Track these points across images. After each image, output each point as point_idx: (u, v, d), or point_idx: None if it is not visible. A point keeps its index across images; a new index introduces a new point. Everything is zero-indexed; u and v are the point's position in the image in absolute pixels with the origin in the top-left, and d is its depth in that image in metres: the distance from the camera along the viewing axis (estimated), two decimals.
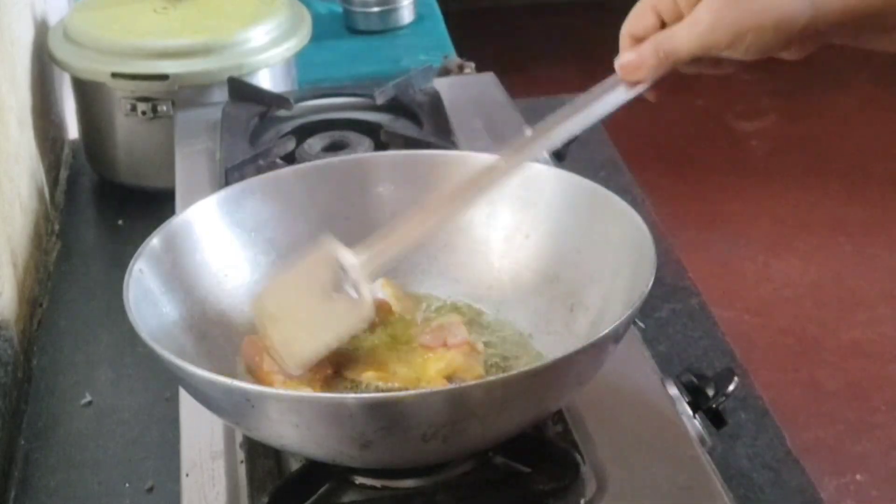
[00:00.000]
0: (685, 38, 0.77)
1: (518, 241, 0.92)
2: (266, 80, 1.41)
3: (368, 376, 0.82)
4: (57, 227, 1.41)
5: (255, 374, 0.83)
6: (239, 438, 0.83)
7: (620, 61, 0.80)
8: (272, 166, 1.17)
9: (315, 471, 0.78)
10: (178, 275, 0.86)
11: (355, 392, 0.81)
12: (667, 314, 1.17)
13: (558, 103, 1.67)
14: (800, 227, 2.97)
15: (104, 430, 1.08)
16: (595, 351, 0.74)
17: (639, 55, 0.79)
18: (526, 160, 0.83)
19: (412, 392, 0.75)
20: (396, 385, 0.81)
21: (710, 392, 0.87)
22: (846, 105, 3.52)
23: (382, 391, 0.80)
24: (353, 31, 2.06)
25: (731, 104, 3.58)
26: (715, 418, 0.87)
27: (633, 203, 0.86)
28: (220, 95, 1.33)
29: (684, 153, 3.38)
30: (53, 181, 1.48)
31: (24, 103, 1.40)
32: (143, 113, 1.39)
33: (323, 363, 0.83)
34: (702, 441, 0.83)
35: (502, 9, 4.30)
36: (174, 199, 1.14)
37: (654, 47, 0.79)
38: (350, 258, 0.82)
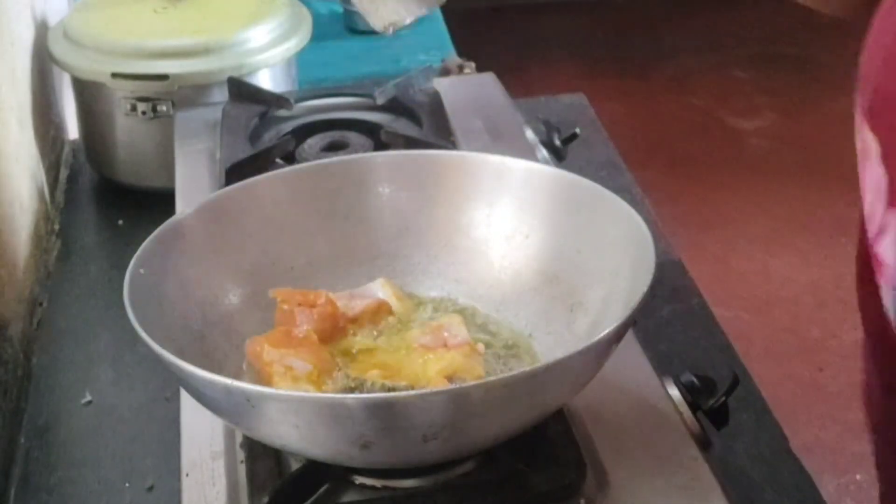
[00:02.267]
0: None
1: (518, 241, 0.92)
2: (266, 80, 1.41)
3: (373, 374, 0.82)
4: (57, 226, 1.41)
5: (257, 374, 0.84)
6: (239, 438, 0.83)
7: None
8: (272, 166, 1.17)
9: (315, 471, 0.78)
10: (178, 274, 0.86)
11: (360, 390, 0.81)
12: (667, 314, 1.17)
13: (558, 103, 1.68)
14: (799, 227, 2.97)
15: (104, 428, 1.08)
16: (595, 351, 0.74)
17: None
18: None
19: (412, 392, 0.75)
20: (402, 383, 0.81)
21: (711, 392, 0.87)
22: (845, 104, 3.52)
23: (389, 389, 0.80)
24: (353, 31, 2.06)
25: (730, 103, 3.58)
26: (715, 418, 0.87)
27: (633, 203, 0.86)
28: (220, 95, 1.33)
29: (684, 153, 3.38)
30: (53, 181, 1.48)
31: (24, 103, 1.40)
32: (143, 113, 1.39)
33: (327, 360, 0.83)
34: (702, 441, 0.83)
35: (502, 9, 4.30)
36: (174, 199, 1.14)
37: None
38: None
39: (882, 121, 0.83)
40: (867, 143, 0.84)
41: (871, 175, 0.84)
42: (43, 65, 1.51)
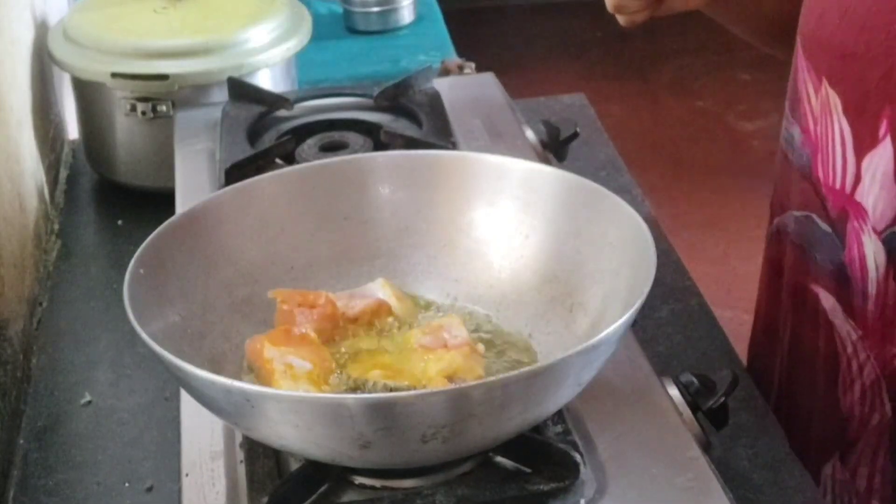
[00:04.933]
0: None
1: (518, 241, 0.92)
2: (266, 80, 1.41)
3: (375, 374, 0.82)
4: (57, 226, 1.41)
5: (257, 373, 0.83)
6: (239, 438, 0.83)
7: None
8: (272, 166, 1.17)
9: (315, 471, 0.78)
10: (178, 275, 0.86)
11: (362, 390, 0.81)
12: (667, 314, 1.17)
13: (558, 103, 1.68)
14: None
15: (103, 430, 1.08)
16: (595, 352, 0.74)
17: None
18: None
19: (412, 392, 0.75)
20: (405, 383, 0.81)
21: (710, 392, 0.87)
22: None
23: (391, 389, 0.80)
24: (353, 31, 2.06)
25: (732, 104, 3.58)
26: (715, 418, 0.86)
27: (633, 203, 0.86)
28: (220, 95, 1.33)
29: (685, 153, 3.38)
30: (53, 181, 1.48)
31: (24, 103, 1.40)
32: (143, 113, 1.38)
33: (327, 360, 0.83)
34: (702, 441, 0.83)
35: (502, 9, 4.30)
36: (174, 199, 1.14)
37: None
38: None
39: (842, 76, 0.88)
40: (829, 99, 0.88)
41: (836, 129, 0.91)
42: (43, 65, 1.51)
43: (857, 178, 0.91)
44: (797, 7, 0.98)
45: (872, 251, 0.91)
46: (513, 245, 0.92)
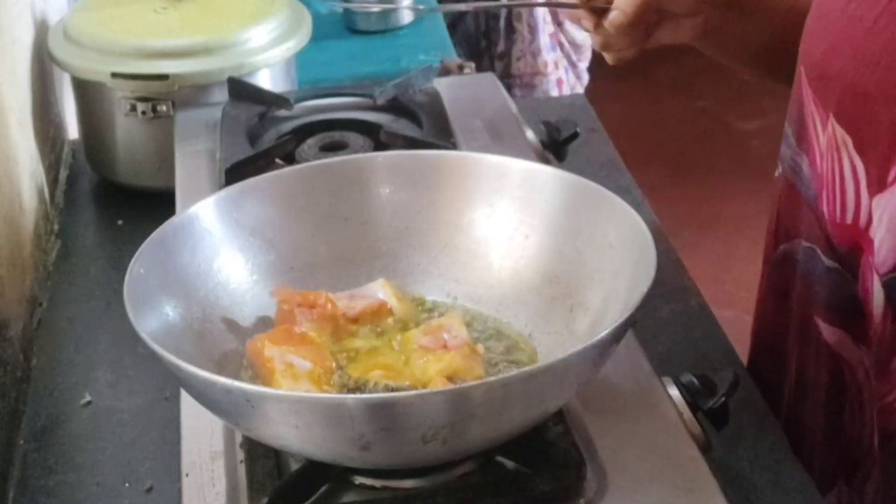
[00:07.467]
0: None
1: (518, 241, 0.92)
2: (266, 80, 1.41)
3: (376, 375, 0.82)
4: (57, 226, 1.41)
5: (258, 373, 0.83)
6: (239, 439, 0.83)
7: None
8: (272, 166, 1.17)
9: (315, 471, 0.77)
10: (178, 275, 0.86)
11: (363, 391, 0.81)
12: (667, 314, 1.17)
13: (558, 103, 1.68)
14: None
15: (103, 430, 1.07)
16: (595, 352, 0.74)
17: None
18: None
19: (412, 392, 0.75)
20: (406, 384, 0.81)
21: (711, 393, 0.87)
22: None
23: (392, 390, 0.80)
24: (353, 31, 2.06)
25: (732, 104, 3.58)
26: (716, 418, 0.86)
27: (633, 203, 0.86)
28: (220, 95, 1.33)
29: (685, 153, 3.38)
30: (53, 181, 1.47)
31: (24, 103, 1.40)
32: (143, 113, 1.38)
33: (327, 360, 0.83)
34: (702, 442, 0.83)
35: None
36: (174, 199, 1.14)
37: None
38: None
39: (853, 114, 0.86)
40: (837, 136, 0.87)
41: (847, 165, 0.89)
42: (43, 65, 1.51)
43: (872, 215, 0.88)
44: (787, 43, 0.97)
45: (875, 291, 0.89)
46: (513, 245, 0.92)
